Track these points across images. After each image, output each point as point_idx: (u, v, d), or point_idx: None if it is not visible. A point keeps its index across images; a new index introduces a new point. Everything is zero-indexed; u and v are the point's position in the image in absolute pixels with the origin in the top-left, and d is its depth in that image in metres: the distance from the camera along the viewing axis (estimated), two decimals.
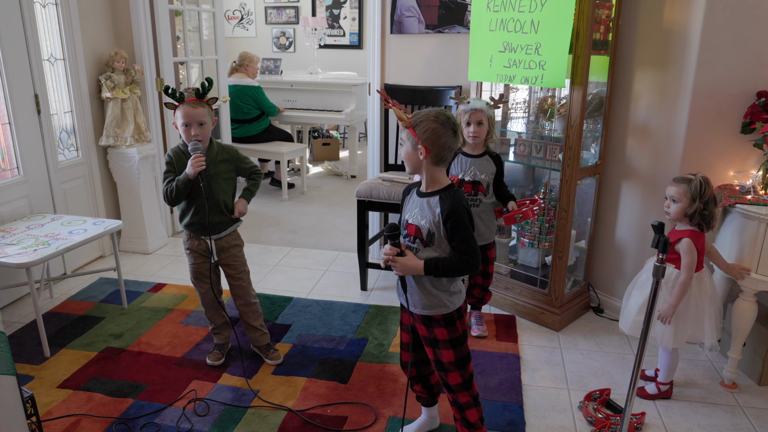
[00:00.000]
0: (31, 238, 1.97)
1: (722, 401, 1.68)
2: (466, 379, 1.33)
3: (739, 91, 1.77)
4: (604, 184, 2.16)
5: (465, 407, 1.35)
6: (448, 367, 1.32)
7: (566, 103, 1.94)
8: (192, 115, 1.60)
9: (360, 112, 4.14)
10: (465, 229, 1.21)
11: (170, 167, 1.67)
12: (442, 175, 1.26)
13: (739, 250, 1.66)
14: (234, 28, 5.74)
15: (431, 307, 1.28)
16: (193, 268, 1.77)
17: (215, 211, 1.70)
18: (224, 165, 1.71)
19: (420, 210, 1.26)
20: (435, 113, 1.21)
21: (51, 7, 2.42)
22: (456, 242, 1.22)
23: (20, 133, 2.26)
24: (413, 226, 1.27)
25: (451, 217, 1.20)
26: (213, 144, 1.71)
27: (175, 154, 1.68)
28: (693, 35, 1.78)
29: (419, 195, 1.28)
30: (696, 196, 1.51)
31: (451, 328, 1.29)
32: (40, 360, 1.86)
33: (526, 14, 1.84)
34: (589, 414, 1.59)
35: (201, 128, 1.62)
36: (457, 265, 1.22)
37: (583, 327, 2.12)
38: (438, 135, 1.19)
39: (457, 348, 1.30)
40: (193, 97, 1.61)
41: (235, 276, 1.79)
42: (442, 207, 1.22)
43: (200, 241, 1.74)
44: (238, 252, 1.79)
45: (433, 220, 1.23)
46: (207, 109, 1.64)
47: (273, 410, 1.62)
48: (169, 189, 1.64)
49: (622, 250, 2.15)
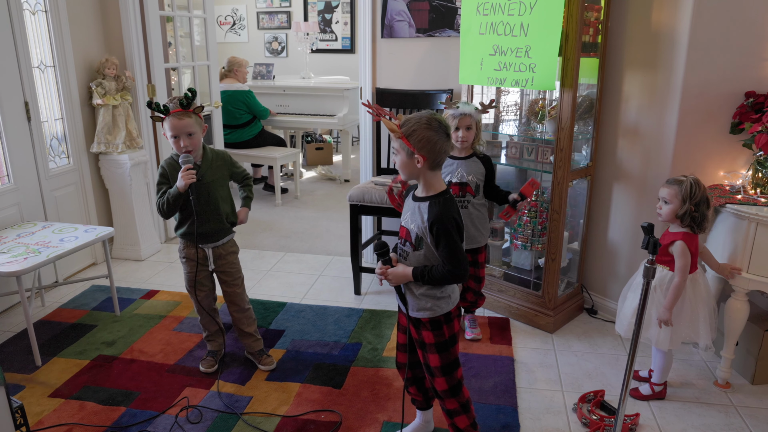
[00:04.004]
0: (21, 246, 1.95)
1: (716, 401, 1.69)
2: (453, 386, 1.32)
3: (727, 92, 1.78)
4: (596, 185, 2.17)
5: (453, 414, 1.35)
6: (434, 372, 1.32)
7: (557, 105, 1.95)
8: (179, 127, 1.58)
9: (353, 116, 4.14)
10: (450, 238, 1.20)
11: (164, 179, 1.66)
12: (438, 179, 1.25)
13: (730, 250, 1.66)
14: (226, 33, 5.75)
15: (420, 310, 1.29)
16: (189, 276, 1.76)
17: (214, 219, 1.69)
18: (220, 171, 1.71)
19: (411, 214, 1.26)
20: (426, 119, 1.19)
21: (41, 14, 2.41)
22: (441, 251, 1.21)
23: (10, 141, 2.24)
24: (404, 229, 1.28)
25: (437, 224, 1.20)
26: (207, 151, 1.70)
27: (168, 165, 1.67)
28: (681, 36, 1.79)
29: (414, 199, 1.28)
30: (686, 198, 1.51)
31: (437, 332, 1.29)
32: (31, 369, 1.84)
33: (516, 17, 1.85)
34: (583, 416, 1.59)
35: (190, 138, 1.61)
36: (443, 275, 1.21)
37: (577, 329, 2.13)
38: (433, 142, 1.18)
39: (442, 353, 1.30)
40: (179, 108, 1.59)
41: (230, 283, 1.78)
42: (429, 213, 1.21)
43: (196, 249, 1.73)
44: (234, 259, 1.79)
45: (420, 225, 1.23)
46: (195, 119, 1.62)
47: (266, 417, 1.61)
48: (162, 202, 1.63)
49: (615, 252, 2.16)
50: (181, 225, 1.71)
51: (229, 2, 5.65)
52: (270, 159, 3.73)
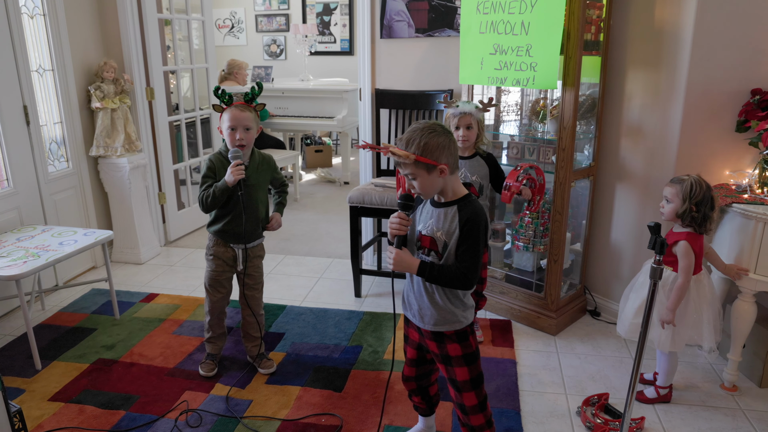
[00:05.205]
0: (21, 250, 1.95)
1: (723, 404, 1.66)
2: (482, 401, 1.26)
3: (733, 90, 1.76)
4: (599, 185, 2.15)
5: (478, 430, 1.29)
6: (462, 387, 1.25)
7: (558, 104, 1.93)
8: (239, 119, 1.58)
9: (352, 118, 4.13)
10: (476, 240, 1.14)
11: (210, 172, 1.65)
12: (459, 183, 1.20)
13: (737, 251, 1.63)
14: (225, 36, 5.75)
15: (444, 323, 1.22)
16: (213, 275, 1.74)
17: (251, 220, 1.68)
18: (264, 175, 1.71)
19: (436, 220, 1.19)
20: (427, 128, 1.13)
21: (39, 17, 2.41)
22: (462, 250, 1.14)
23: (9, 145, 2.24)
24: (428, 238, 1.19)
25: (470, 224, 1.14)
26: (255, 153, 1.69)
27: (217, 160, 1.66)
28: (685, 34, 1.76)
29: (435, 205, 1.20)
30: (686, 197, 1.49)
31: (464, 343, 1.23)
32: (31, 373, 1.83)
33: (516, 16, 1.83)
34: (587, 419, 1.56)
35: (246, 133, 1.61)
36: (454, 275, 1.14)
37: (580, 331, 2.10)
38: (446, 146, 1.13)
39: (471, 365, 1.24)
40: (242, 101, 1.60)
41: (252, 286, 1.78)
42: (461, 214, 1.15)
43: (227, 248, 1.71)
44: (260, 263, 1.79)
45: (450, 231, 1.16)
46: (254, 115, 1.63)
47: (266, 420, 1.59)
48: (206, 195, 1.62)
49: (618, 252, 2.13)
50: (217, 221, 1.69)
51: (227, 5, 5.65)
52: None
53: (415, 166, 1.12)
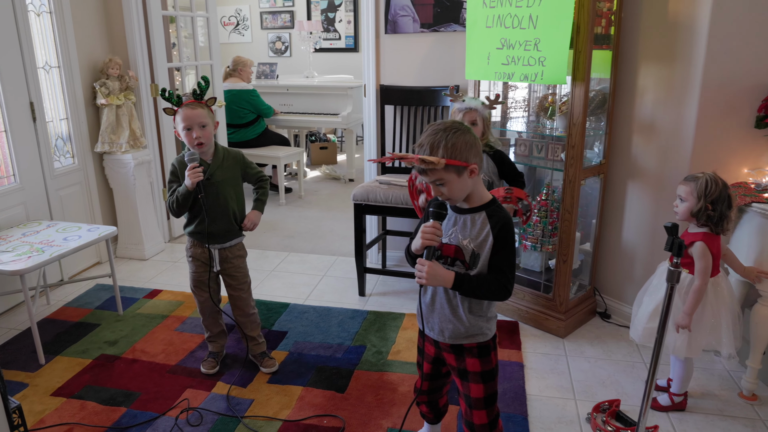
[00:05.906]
0: (26, 245, 1.95)
1: (741, 414, 1.59)
2: (492, 420, 1.20)
3: (751, 84, 1.69)
4: (609, 183, 2.09)
5: None
6: (474, 404, 1.19)
7: (568, 100, 1.88)
8: (192, 117, 1.56)
9: (357, 115, 4.10)
10: (512, 247, 1.08)
11: (174, 177, 1.64)
12: (482, 185, 1.12)
13: (757, 252, 1.57)
14: (230, 34, 5.76)
15: (466, 336, 1.15)
16: (194, 276, 1.73)
17: (223, 220, 1.66)
18: (231, 171, 1.67)
19: (462, 228, 1.10)
20: (450, 127, 1.04)
21: (45, 15, 2.42)
22: (499, 259, 1.07)
23: (16, 141, 2.25)
24: (452, 247, 1.10)
25: (504, 230, 1.07)
26: (219, 149, 1.66)
27: (179, 164, 1.64)
28: (701, 26, 1.70)
29: (459, 212, 1.11)
30: (701, 195, 1.43)
31: (485, 359, 1.16)
32: (34, 367, 1.84)
33: (524, 9, 1.78)
34: (597, 426, 1.51)
35: (203, 130, 1.58)
36: (492, 285, 1.06)
37: (590, 333, 2.04)
38: (473, 144, 1.04)
39: (488, 382, 1.17)
40: (192, 99, 1.57)
41: (235, 287, 1.75)
42: (492, 221, 1.08)
43: (203, 249, 1.70)
44: (241, 263, 1.75)
45: (479, 239, 1.08)
46: (207, 110, 1.59)
47: (268, 420, 1.57)
48: (171, 201, 1.62)
49: (630, 253, 2.07)
50: (189, 223, 1.69)
51: (232, 3, 5.66)
52: (274, 158, 3.71)
53: (444, 170, 1.03)
